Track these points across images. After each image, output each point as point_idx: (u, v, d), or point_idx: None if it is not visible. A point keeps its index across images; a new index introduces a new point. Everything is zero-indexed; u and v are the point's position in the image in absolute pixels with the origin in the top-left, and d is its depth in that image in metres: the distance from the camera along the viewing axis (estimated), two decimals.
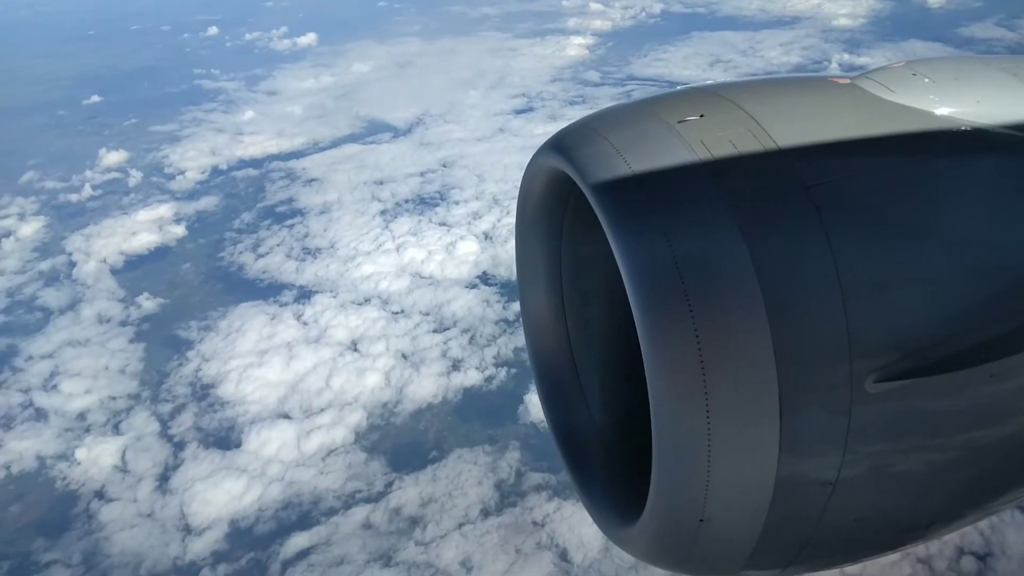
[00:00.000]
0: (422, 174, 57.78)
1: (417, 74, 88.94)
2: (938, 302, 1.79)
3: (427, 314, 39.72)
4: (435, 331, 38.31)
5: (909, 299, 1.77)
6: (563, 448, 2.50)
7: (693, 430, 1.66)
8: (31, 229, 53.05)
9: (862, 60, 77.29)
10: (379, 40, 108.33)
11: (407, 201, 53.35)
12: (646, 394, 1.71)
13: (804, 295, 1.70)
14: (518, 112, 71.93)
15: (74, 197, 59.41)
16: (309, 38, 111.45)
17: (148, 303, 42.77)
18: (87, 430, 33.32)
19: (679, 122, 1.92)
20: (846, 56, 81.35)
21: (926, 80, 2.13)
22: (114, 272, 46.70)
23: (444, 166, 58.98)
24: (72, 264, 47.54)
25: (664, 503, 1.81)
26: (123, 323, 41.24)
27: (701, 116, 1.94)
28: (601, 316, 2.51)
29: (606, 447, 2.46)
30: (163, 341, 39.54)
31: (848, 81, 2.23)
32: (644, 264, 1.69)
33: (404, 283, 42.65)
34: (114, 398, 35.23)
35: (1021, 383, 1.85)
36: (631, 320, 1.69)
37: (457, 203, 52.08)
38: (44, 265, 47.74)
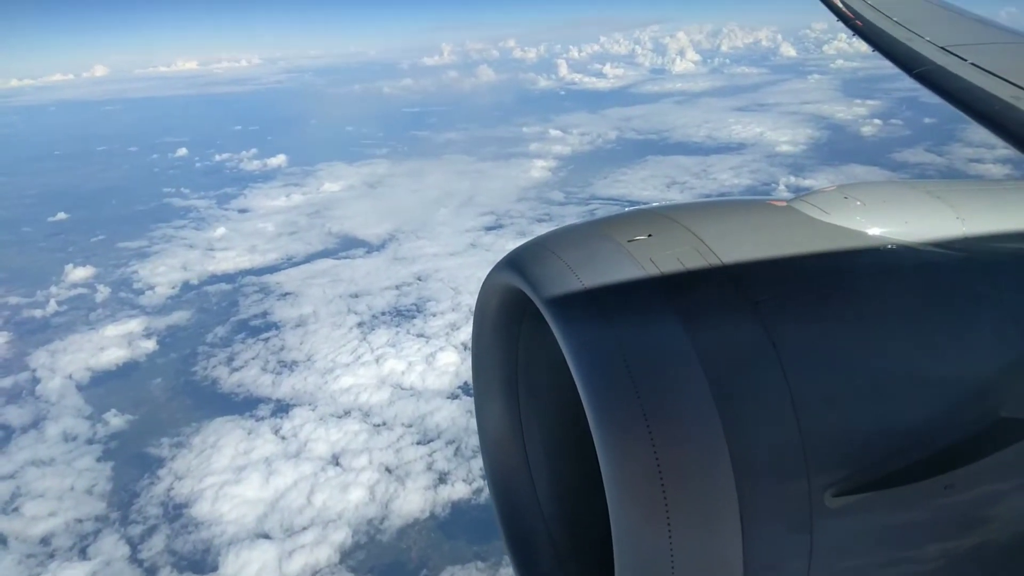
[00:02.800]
0: (397, 287, 58.40)
1: (388, 193, 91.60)
2: (887, 415, 1.81)
3: (410, 426, 39.08)
4: (419, 443, 37.59)
5: (859, 412, 1.79)
6: (520, 568, 2.45)
7: (655, 547, 1.66)
8: None
9: (807, 182, 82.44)
10: (348, 161, 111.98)
11: (384, 313, 53.58)
12: (606, 510, 1.69)
13: (758, 410, 1.71)
14: (488, 229, 74.08)
15: (38, 313, 58.16)
16: (279, 159, 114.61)
17: (116, 420, 41.25)
18: (51, 555, 31.14)
19: (628, 241, 1.98)
20: (792, 179, 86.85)
21: (857, 203, 2.24)
22: (80, 388, 45.19)
23: (419, 279, 59.79)
24: (36, 381, 45.95)
25: None
26: (90, 441, 39.54)
27: (649, 235, 2.01)
28: (559, 432, 2.48)
29: (563, 565, 2.42)
30: (132, 459, 37.86)
31: (784, 204, 2.31)
32: (601, 384, 1.69)
33: (385, 395, 42.14)
34: (80, 520, 33.21)
35: (975, 494, 1.88)
36: (589, 436, 1.68)
37: (434, 315, 52.48)
38: (6, 382, 46.04)
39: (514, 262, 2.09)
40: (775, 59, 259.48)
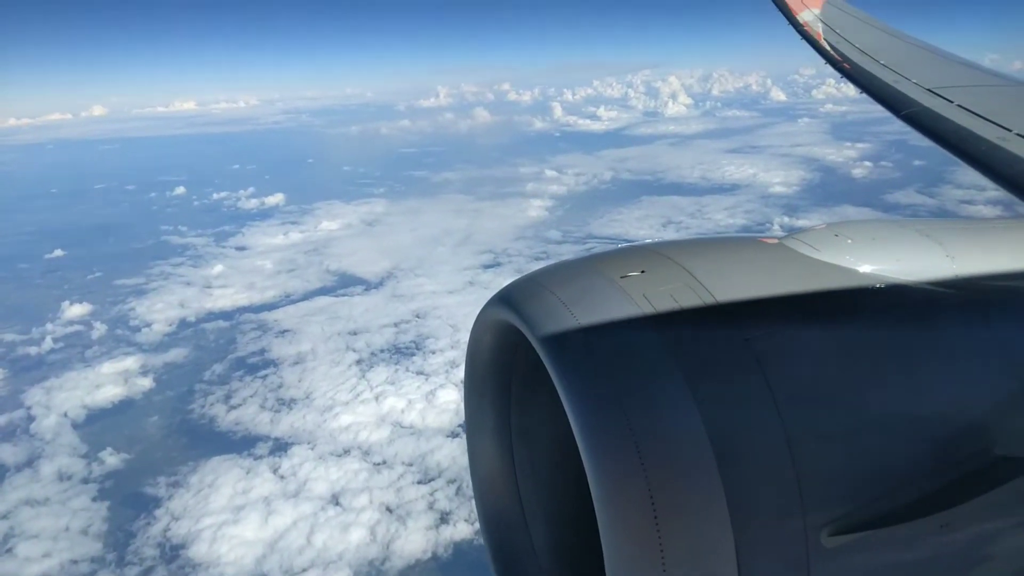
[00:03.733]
0: (396, 325, 58.31)
1: (385, 231, 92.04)
2: (883, 453, 1.81)
3: (410, 464, 38.67)
4: (420, 482, 37.16)
5: (854, 450, 1.79)
6: None
7: None
8: None
9: (801, 221, 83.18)
10: (346, 200, 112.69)
11: (383, 351, 53.38)
12: (601, 552, 1.68)
13: (753, 448, 1.70)
14: (486, 267, 74.32)
15: (34, 350, 57.68)
16: (277, 197, 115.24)
17: (112, 459, 40.65)
18: None
19: (621, 277, 1.99)
20: (786, 218, 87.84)
21: (847, 241, 2.27)
22: (76, 426, 44.61)
23: (418, 317, 59.75)
24: (31, 419, 45.34)
25: None
26: (85, 480, 38.90)
27: (642, 272, 2.01)
28: (552, 470, 2.44)
29: None
30: (129, 499, 37.24)
31: (776, 241, 2.33)
32: (596, 422, 1.68)
33: (385, 433, 41.78)
34: (76, 562, 32.52)
35: (972, 533, 1.87)
36: (583, 474, 1.67)
37: (433, 352, 52.34)
38: (0, 420, 45.33)
39: (507, 298, 2.08)
40: (765, 103, 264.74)
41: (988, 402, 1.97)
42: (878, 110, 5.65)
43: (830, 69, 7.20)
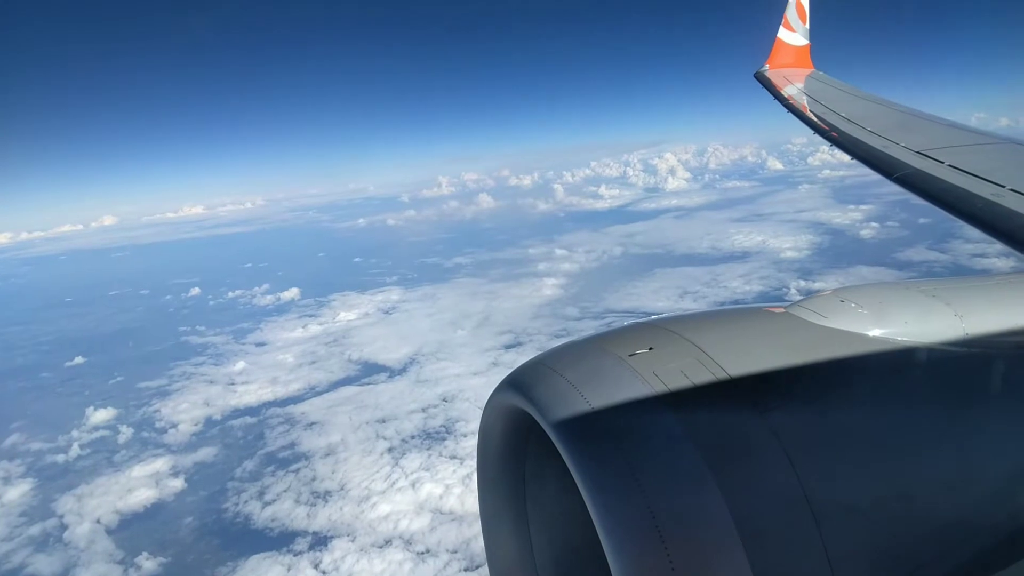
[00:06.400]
0: (424, 410, 57.80)
1: (403, 318, 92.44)
2: (908, 521, 1.76)
3: (455, 552, 37.63)
4: (467, 569, 36.07)
5: (881, 522, 1.73)
6: None
7: None
8: (17, 493, 50.22)
9: (818, 284, 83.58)
10: (361, 291, 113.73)
11: (413, 437, 52.76)
12: None
13: (778, 525, 1.65)
14: (508, 347, 74.12)
15: (61, 458, 57.13)
16: (292, 292, 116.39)
17: (149, 563, 39.71)
18: None
19: (630, 355, 1.95)
20: (802, 282, 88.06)
21: (853, 305, 2.26)
22: (110, 532, 43.74)
23: (445, 400, 59.29)
24: (64, 527, 44.49)
25: None
26: None
27: (650, 348, 1.98)
28: (571, 556, 2.36)
29: None
30: None
31: (782, 310, 2.31)
32: (617, 509, 1.63)
33: (425, 520, 40.82)
34: None
35: None
36: (604, 558, 1.63)
37: (465, 435, 51.62)
38: (33, 530, 44.56)
39: (516, 382, 2.05)
40: (764, 172, 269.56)
41: (1014, 464, 1.93)
42: (875, 173, 5.75)
43: (820, 138, 7.34)
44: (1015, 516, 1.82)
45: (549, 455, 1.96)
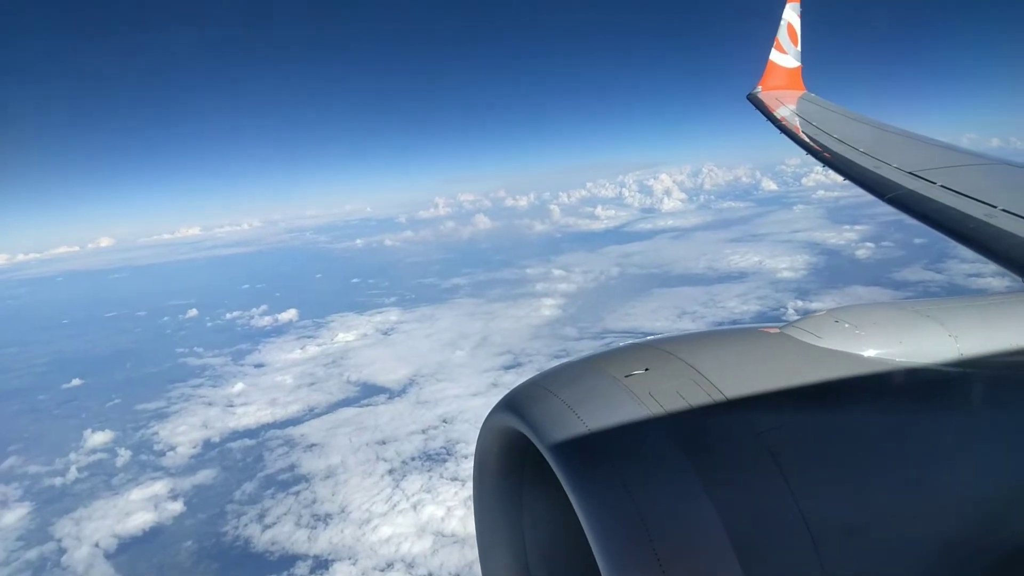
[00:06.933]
0: (424, 431, 57.66)
1: (402, 339, 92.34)
2: (907, 543, 1.74)
3: (458, 575, 37.42)
4: None
5: (879, 542, 1.72)
6: None
7: None
8: (15, 516, 49.89)
9: (815, 304, 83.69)
10: (359, 312, 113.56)
11: (414, 458, 52.58)
12: None
13: (775, 547, 1.65)
14: (507, 368, 74.06)
15: (58, 481, 56.77)
16: (290, 313, 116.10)
17: None
18: None
19: (626, 376, 1.96)
20: (799, 302, 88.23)
21: (848, 326, 2.27)
22: (108, 556, 43.47)
23: (445, 422, 59.15)
24: (62, 551, 44.21)
25: None
26: None
27: (646, 369, 1.98)
28: None
29: None
30: None
31: (777, 330, 2.32)
32: (614, 531, 1.63)
33: (427, 543, 40.65)
34: None
35: None
36: None
37: (466, 456, 51.43)
38: (31, 554, 44.27)
39: (512, 403, 2.05)
40: (758, 193, 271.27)
41: (1011, 486, 1.92)
42: (869, 194, 5.76)
43: (812, 158, 7.36)
44: (1011, 537, 1.82)
45: (546, 476, 1.95)
